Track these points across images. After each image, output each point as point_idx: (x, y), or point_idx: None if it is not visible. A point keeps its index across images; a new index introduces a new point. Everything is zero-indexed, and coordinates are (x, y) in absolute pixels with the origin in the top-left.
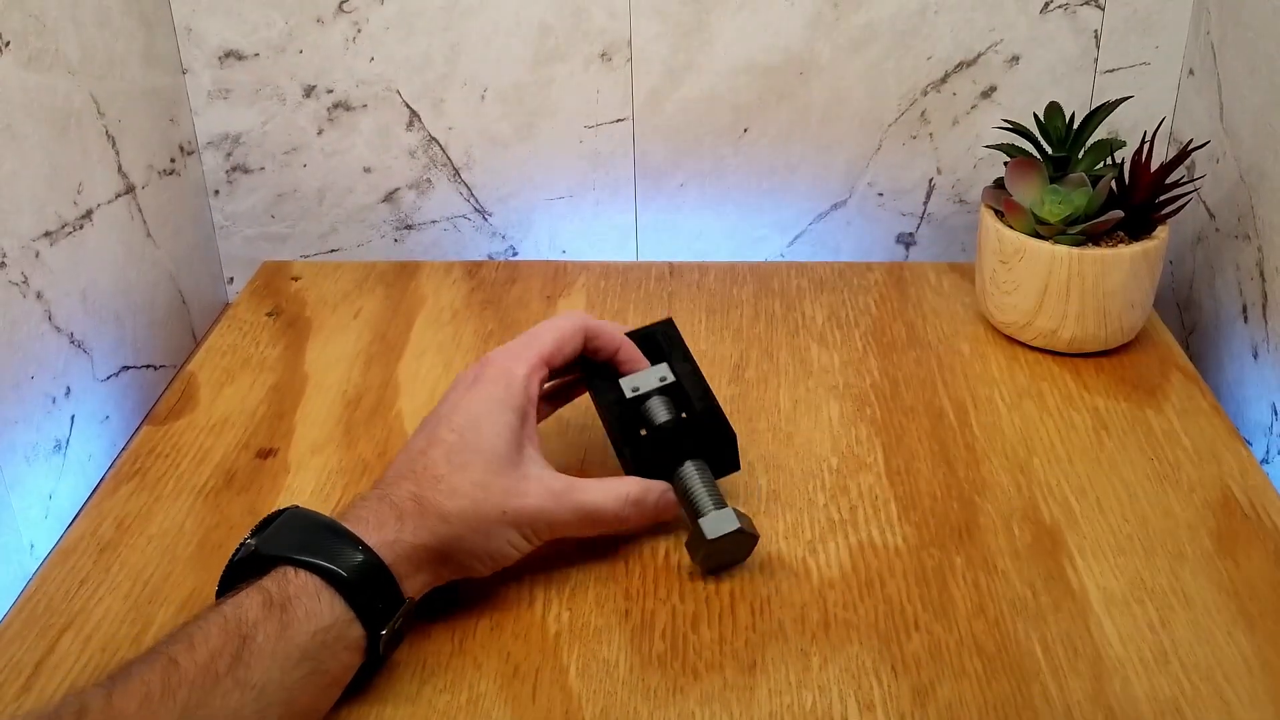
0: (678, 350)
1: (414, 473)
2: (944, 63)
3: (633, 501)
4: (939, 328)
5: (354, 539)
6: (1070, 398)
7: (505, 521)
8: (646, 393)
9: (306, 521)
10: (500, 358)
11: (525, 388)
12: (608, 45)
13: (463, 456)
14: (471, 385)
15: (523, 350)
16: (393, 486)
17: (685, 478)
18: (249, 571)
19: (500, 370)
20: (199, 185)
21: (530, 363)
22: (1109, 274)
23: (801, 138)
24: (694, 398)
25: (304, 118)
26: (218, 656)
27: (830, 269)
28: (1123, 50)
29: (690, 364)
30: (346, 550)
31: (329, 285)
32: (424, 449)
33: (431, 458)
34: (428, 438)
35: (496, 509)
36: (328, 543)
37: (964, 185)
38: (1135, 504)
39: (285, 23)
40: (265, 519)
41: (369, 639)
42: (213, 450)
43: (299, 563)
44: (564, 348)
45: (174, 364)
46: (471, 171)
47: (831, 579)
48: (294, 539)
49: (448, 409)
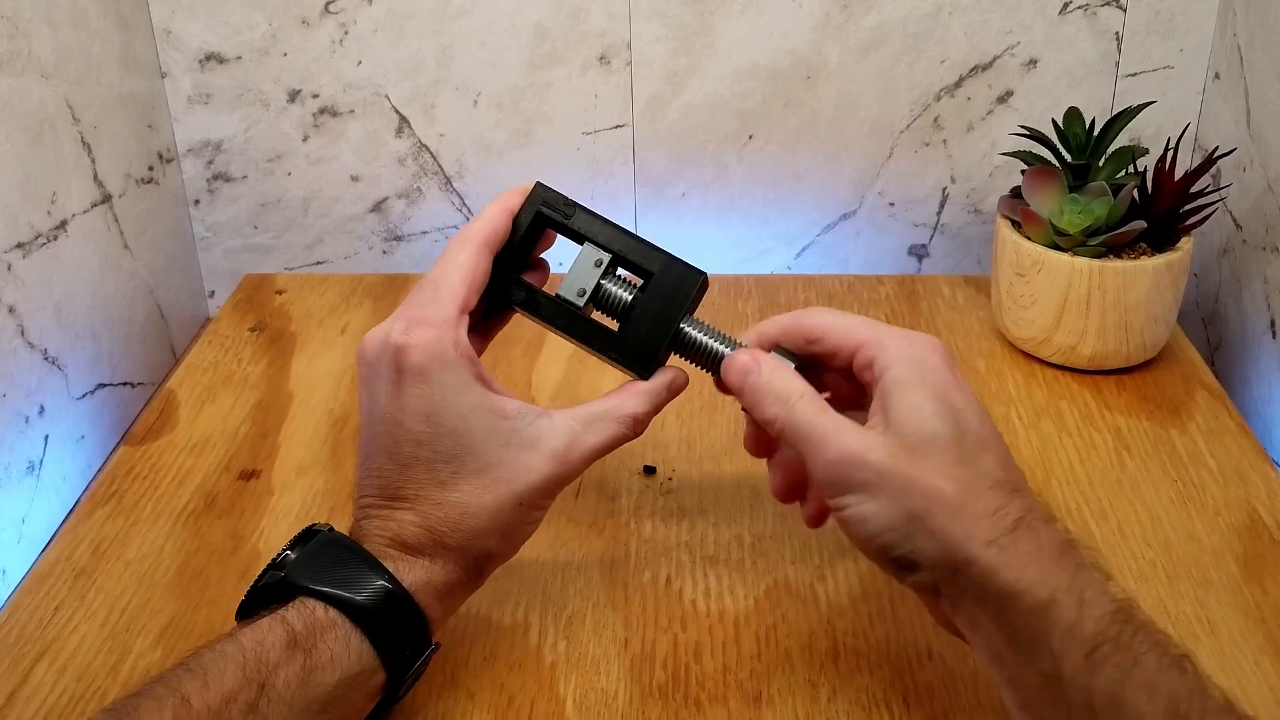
0: (581, 215)
1: (405, 499)
2: (958, 66)
3: (641, 418)
4: (953, 344)
5: (388, 575)
6: (1090, 417)
7: (523, 507)
8: (595, 287)
9: (340, 548)
10: (414, 334)
11: (460, 355)
12: (606, 48)
13: (449, 468)
14: (398, 382)
15: (432, 311)
16: (393, 519)
17: (688, 344)
18: (275, 593)
19: (424, 353)
20: (178, 194)
21: (449, 323)
22: (1131, 287)
23: (809, 145)
24: (639, 258)
25: (288, 124)
26: (232, 701)
27: (839, 282)
28: (1145, 53)
29: (603, 222)
30: (378, 587)
31: (314, 299)
32: (400, 470)
33: (414, 480)
34: (392, 459)
35: (511, 502)
36: (359, 575)
37: (979, 195)
38: (1158, 528)
39: (269, 24)
40: (298, 537)
41: (389, 683)
42: (193, 472)
43: (328, 597)
44: (475, 281)
45: (152, 381)
46: (464, 180)
47: (840, 606)
48: (326, 568)
49: (390, 423)
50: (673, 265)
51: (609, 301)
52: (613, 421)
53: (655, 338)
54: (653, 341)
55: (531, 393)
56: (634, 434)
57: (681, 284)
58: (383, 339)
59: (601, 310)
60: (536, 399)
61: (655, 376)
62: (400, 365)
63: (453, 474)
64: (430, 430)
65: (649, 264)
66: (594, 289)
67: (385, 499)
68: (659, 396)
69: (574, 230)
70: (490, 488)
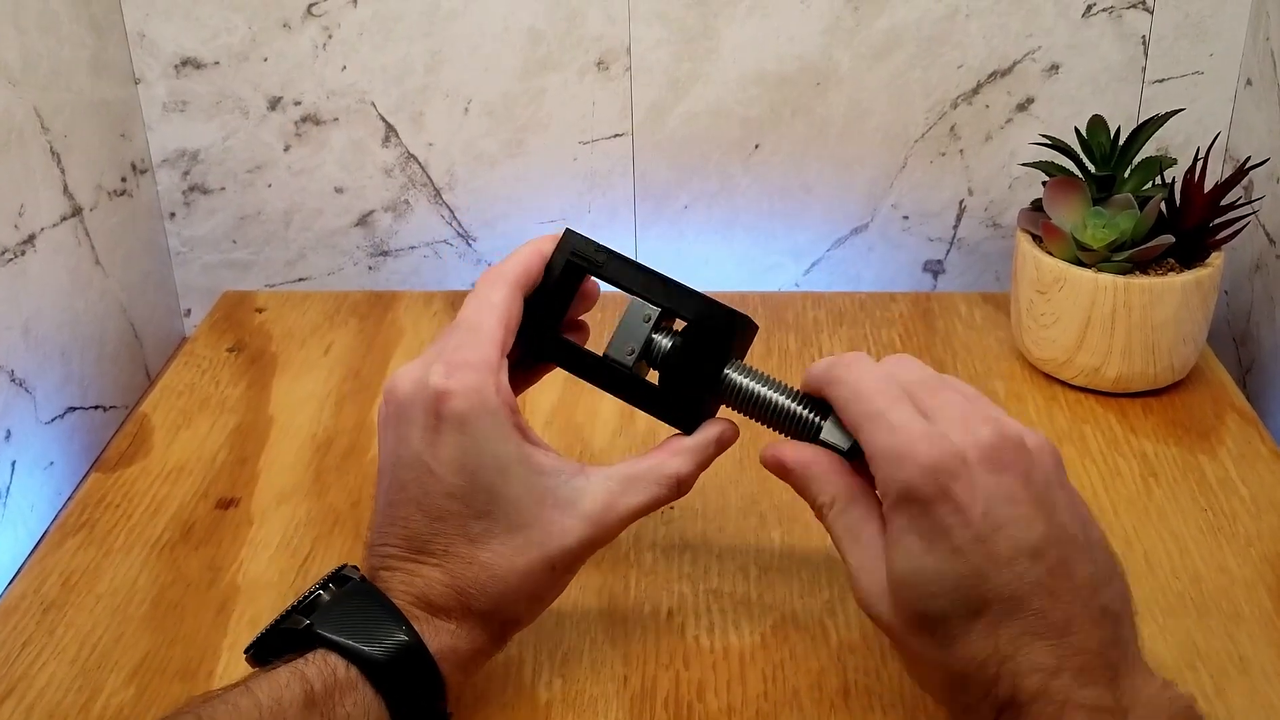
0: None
1: (432, 554)
2: (976, 72)
3: (685, 478)
4: (970, 365)
5: (415, 635)
6: (1115, 442)
7: (555, 572)
8: (645, 344)
9: (368, 600)
10: (457, 379)
11: (502, 403)
12: (604, 53)
13: (481, 525)
14: (436, 429)
15: (473, 355)
16: (418, 574)
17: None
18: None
19: (467, 401)
20: (153, 207)
21: (491, 367)
22: (1158, 305)
23: (818, 155)
24: (678, 305)
25: (269, 132)
26: None
27: (850, 300)
28: (1174, 58)
29: (638, 268)
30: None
31: (296, 317)
32: (430, 522)
33: (444, 534)
34: (421, 509)
35: (543, 566)
36: (384, 632)
37: (998, 207)
38: (1187, 559)
39: (248, 27)
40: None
41: None
42: (168, 500)
43: (350, 653)
44: (511, 322)
45: (125, 404)
46: (454, 192)
47: (852, 642)
48: (351, 618)
49: (422, 470)
50: (713, 310)
51: (653, 354)
52: (652, 483)
53: (698, 388)
54: (695, 393)
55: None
56: (677, 495)
57: (723, 329)
58: (419, 380)
59: (649, 364)
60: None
61: (701, 430)
62: (440, 411)
63: (484, 531)
64: (465, 484)
65: (687, 310)
66: (643, 345)
67: (410, 551)
68: (704, 453)
69: (606, 277)
70: (523, 550)
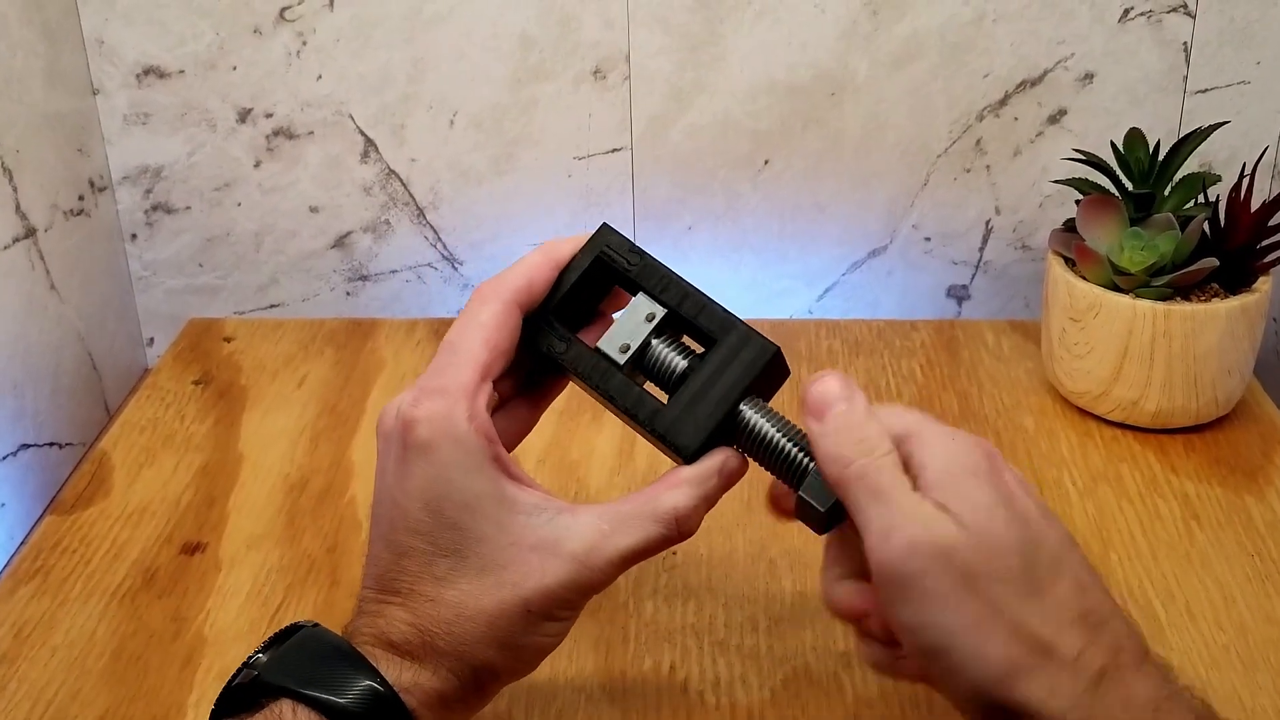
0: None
1: (398, 592)
2: (1003, 81)
3: (684, 514)
4: (998, 398)
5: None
6: (1154, 482)
7: (532, 616)
8: (642, 345)
9: (321, 644)
10: (423, 406)
11: (474, 430)
12: (602, 60)
13: (447, 563)
14: (403, 460)
15: (447, 375)
16: (382, 614)
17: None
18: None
19: (431, 428)
20: (113, 228)
21: (466, 392)
22: (1201, 334)
23: (833, 171)
24: (703, 321)
25: (238, 147)
26: None
27: (868, 328)
28: (1217, 66)
29: (673, 277)
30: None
31: (268, 347)
32: (395, 559)
33: (409, 571)
34: (388, 546)
35: (516, 608)
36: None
37: (1027, 228)
38: (1232, 609)
39: (216, 34)
40: (278, 634)
41: None
42: (129, 545)
43: (308, 700)
44: (500, 343)
45: (83, 441)
46: (438, 212)
47: (869, 698)
48: (306, 666)
49: (391, 505)
50: (742, 334)
51: (659, 367)
52: (647, 519)
53: (707, 415)
54: (704, 420)
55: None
56: (677, 535)
57: (749, 357)
58: (395, 411)
59: (651, 377)
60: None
61: (703, 460)
62: (406, 441)
63: (451, 570)
64: (430, 520)
65: (713, 329)
66: (640, 346)
67: (379, 591)
68: (706, 485)
69: (636, 283)
70: (492, 590)
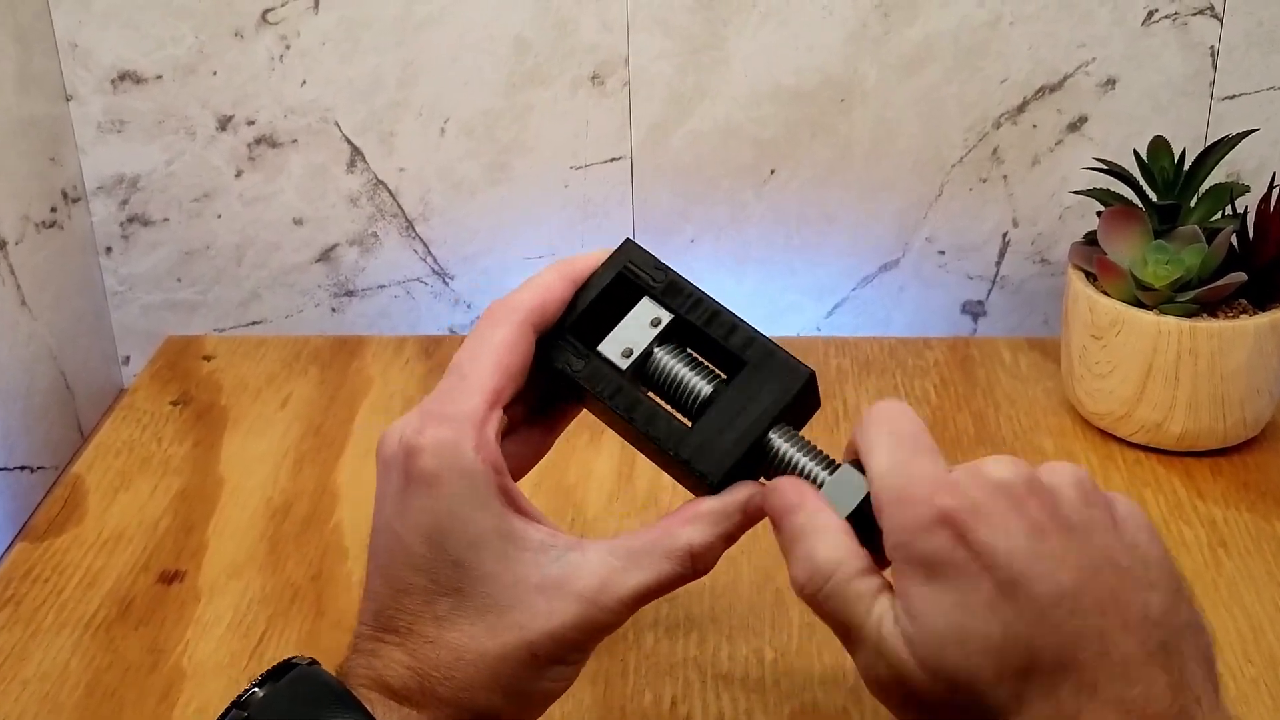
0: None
1: (396, 631)
2: (1021, 87)
3: (700, 550)
4: (1015, 419)
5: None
6: (1180, 507)
7: (538, 660)
8: (645, 351)
9: (315, 686)
10: (428, 434)
11: (481, 461)
12: (600, 65)
13: (449, 603)
14: (405, 490)
15: (454, 401)
16: (379, 654)
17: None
18: None
19: (436, 459)
20: (86, 241)
21: (474, 420)
22: (1228, 352)
23: (842, 181)
24: (728, 340)
25: (218, 156)
26: None
27: (879, 346)
28: (1246, 71)
29: (700, 294)
30: None
31: (250, 366)
32: (393, 596)
33: (408, 610)
34: (387, 581)
35: (521, 652)
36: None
37: (1046, 241)
38: (1262, 640)
39: (195, 37)
40: (271, 671)
41: None
42: (104, 573)
43: None
44: (512, 366)
45: (56, 465)
46: (429, 224)
47: None
48: (296, 709)
49: (390, 537)
50: (774, 356)
51: (661, 376)
52: (660, 556)
53: (734, 442)
54: (728, 447)
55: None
56: (691, 573)
57: (781, 381)
58: (398, 437)
59: (652, 387)
60: None
61: (726, 492)
62: (409, 471)
63: (453, 609)
64: (431, 555)
65: (740, 351)
66: (644, 354)
67: (376, 629)
68: (728, 520)
69: (661, 301)
70: (496, 633)
